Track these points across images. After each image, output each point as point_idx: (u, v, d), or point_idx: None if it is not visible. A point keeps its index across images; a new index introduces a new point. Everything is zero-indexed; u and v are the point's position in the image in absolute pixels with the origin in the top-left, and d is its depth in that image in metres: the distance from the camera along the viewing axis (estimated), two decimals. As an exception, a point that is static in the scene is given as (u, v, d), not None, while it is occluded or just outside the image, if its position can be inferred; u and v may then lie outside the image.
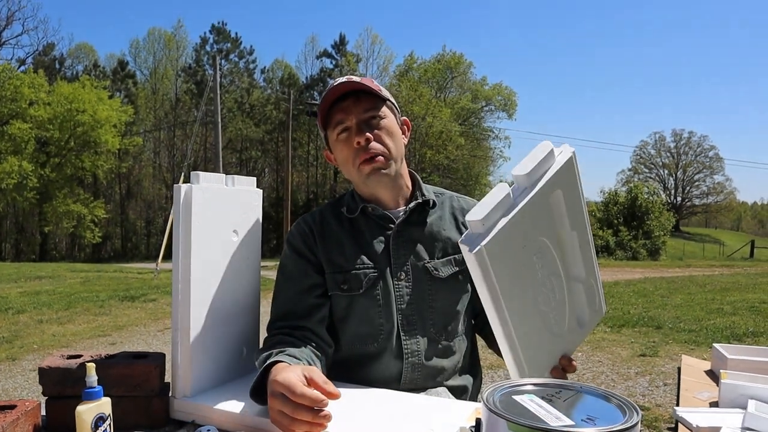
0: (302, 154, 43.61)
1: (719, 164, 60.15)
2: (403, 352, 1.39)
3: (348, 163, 1.41)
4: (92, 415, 0.98)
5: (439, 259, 1.45)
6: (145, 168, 42.24)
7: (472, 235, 0.94)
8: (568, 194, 0.98)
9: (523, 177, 0.94)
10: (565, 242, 1.03)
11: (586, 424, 0.69)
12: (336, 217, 1.49)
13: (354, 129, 1.38)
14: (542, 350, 1.09)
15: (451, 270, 1.46)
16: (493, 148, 40.67)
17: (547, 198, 0.96)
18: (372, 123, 1.38)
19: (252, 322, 1.44)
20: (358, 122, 1.37)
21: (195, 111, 39.95)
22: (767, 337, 6.20)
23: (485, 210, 0.92)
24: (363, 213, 1.46)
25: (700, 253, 38.55)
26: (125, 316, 8.60)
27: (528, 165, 0.94)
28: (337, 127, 1.39)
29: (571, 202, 0.99)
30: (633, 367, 5.27)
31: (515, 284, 0.98)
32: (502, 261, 0.94)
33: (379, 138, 1.38)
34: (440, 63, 39.76)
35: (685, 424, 1.32)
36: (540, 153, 0.95)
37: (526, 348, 1.04)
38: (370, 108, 1.38)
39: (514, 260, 0.96)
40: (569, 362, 1.12)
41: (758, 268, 18.81)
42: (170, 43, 43.21)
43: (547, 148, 0.96)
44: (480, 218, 0.91)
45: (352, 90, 1.38)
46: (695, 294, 10.27)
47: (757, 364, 1.67)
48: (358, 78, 1.38)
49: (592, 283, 1.10)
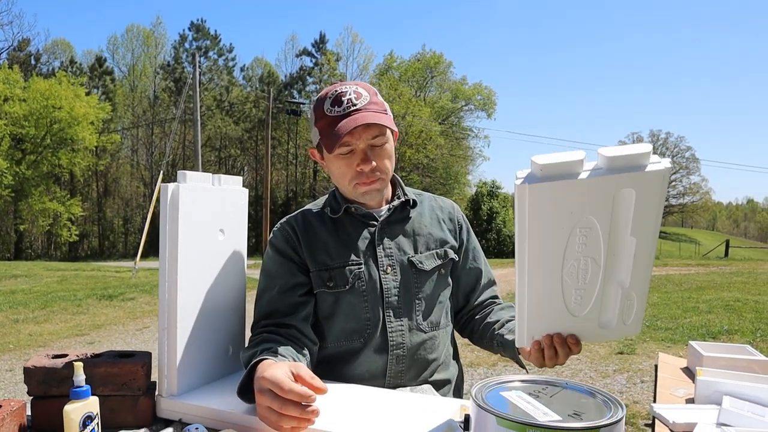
0: (281, 152, 43.39)
1: (695, 165, 61.10)
2: (388, 344, 1.42)
3: (343, 179, 1.42)
4: (80, 415, 0.98)
5: (422, 252, 1.50)
6: (122, 166, 41.69)
7: (530, 174, 0.98)
8: (640, 199, 0.96)
9: (604, 158, 0.95)
10: (618, 240, 1.02)
11: (572, 419, 0.71)
12: (318, 217, 1.50)
13: (360, 155, 1.38)
14: (549, 311, 1.10)
15: (434, 263, 1.50)
16: (473, 147, 40.90)
17: (615, 189, 0.96)
18: (376, 151, 1.39)
19: (238, 320, 1.44)
20: (364, 148, 1.38)
21: (174, 108, 39.63)
22: (741, 335, 6.32)
23: (550, 160, 0.95)
24: (346, 212, 1.48)
25: (677, 253, 39.11)
26: (103, 315, 8.51)
27: (616, 151, 0.94)
28: (341, 147, 1.37)
29: (641, 208, 0.97)
30: (611, 365, 5.35)
31: (546, 234, 1.01)
32: (541, 208, 0.97)
33: (381, 165, 1.41)
34: (420, 62, 39.87)
35: (662, 420, 1.35)
36: (634, 149, 0.94)
37: (533, 299, 1.09)
38: (377, 135, 1.38)
39: (555, 216, 0.98)
40: (576, 342, 1.13)
41: (733, 267, 19.14)
42: (149, 39, 42.71)
43: (645, 149, 0.95)
44: (541, 163, 0.94)
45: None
46: (672, 292, 10.42)
47: (731, 361, 1.70)
48: (366, 96, 1.37)
49: (633, 297, 1.07)
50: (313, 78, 43.06)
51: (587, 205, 0.97)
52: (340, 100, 1.36)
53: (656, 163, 0.95)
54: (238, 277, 1.43)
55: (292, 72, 44.55)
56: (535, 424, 0.68)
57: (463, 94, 39.77)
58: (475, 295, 1.60)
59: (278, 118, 39.09)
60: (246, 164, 44.36)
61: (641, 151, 0.94)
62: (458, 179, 37.02)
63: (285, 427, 1.00)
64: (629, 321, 1.10)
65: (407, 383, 1.44)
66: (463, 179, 38.04)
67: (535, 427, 0.68)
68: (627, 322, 1.10)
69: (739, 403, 1.36)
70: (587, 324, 1.11)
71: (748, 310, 7.86)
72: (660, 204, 0.97)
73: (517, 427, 0.69)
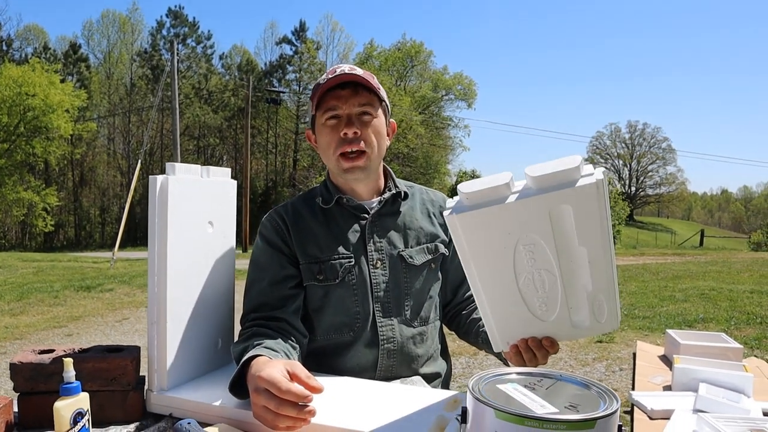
0: (261, 141, 43.05)
1: (672, 155, 61.93)
2: (378, 339, 1.42)
3: (329, 149, 1.42)
4: (71, 411, 0.97)
5: (413, 247, 1.49)
6: (99, 155, 41.00)
7: (458, 202, 0.98)
8: (579, 213, 0.94)
9: (531, 178, 0.93)
10: (568, 251, 1.00)
11: (569, 411, 0.72)
12: (309, 208, 1.49)
13: (344, 119, 1.38)
14: (517, 320, 1.11)
15: (424, 257, 1.50)
16: (453, 137, 40.97)
17: (547, 207, 0.94)
18: (363, 119, 1.39)
19: (227, 314, 1.43)
20: (350, 114, 1.38)
21: (151, 97, 39.02)
22: (716, 323, 6.44)
23: (475, 188, 0.94)
24: (337, 203, 1.48)
25: (653, 242, 39.70)
26: (81, 307, 8.40)
27: (542, 170, 0.92)
28: (328, 112, 1.39)
29: (582, 220, 0.95)
30: (590, 353, 5.42)
31: (489, 256, 1.01)
32: (476, 234, 0.98)
33: (367, 135, 1.40)
34: (401, 51, 39.74)
35: (641, 407, 1.38)
36: (562, 165, 0.92)
37: (498, 311, 1.09)
38: (365, 103, 1.39)
39: (493, 239, 0.98)
40: (551, 344, 1.13)
41: (707, 256, 19.49)
42: (125, 26, 41.92)
43: (574, 163, 0.91)
44: (467, 192, 0.94)
45: (353, 81, 1.38)
46: (649, 282, 10.58)
47: (707, 349, 1.74)
48: (361, 72, 1.39)
49: (602, 300, 1.06)
50: (292, 66, 42.72)
51: (523, 225, 0.96)
52: (334, 71, 1.39)
53: (588, 176, 0.92)
54: (227, 270, 1.42)
55: (272, 60, 44.16)
56: (534, 417, 0.69)
57: (444, 84, 39.76)
58: (463, 289, 1.61)
59: (257, 106, 38.76)
60: (225, 153, 43.95)
61: (569, 166, 0.91)
62: (438, 169, 37.09)
63: (281, 426, 1.00)
64: (603, 319, 1.09)
65: (397, 377, 1.44)
66: (443, 169, 38.12)
67: (533, 419, 0.69)
68: (601, 321, 1.09)
69: (714, 389, 1.40)
70: (560, 326, 1.11)
71: (723, 299, 8.01)
72: (602, 214, 0.95)
73: (515, 420, 0.69)
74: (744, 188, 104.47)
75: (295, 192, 36.65)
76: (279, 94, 32.28)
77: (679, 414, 1.29)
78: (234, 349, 1.26)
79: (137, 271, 12.65)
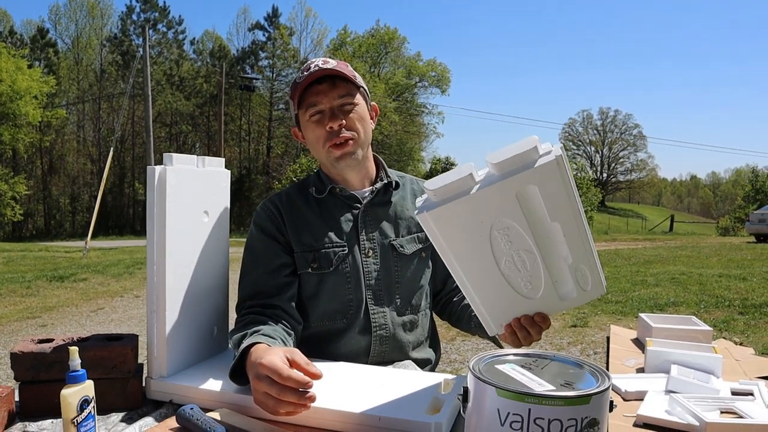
0: (234, 128, 42.59)
1: (642, 142, 62.89)
2: (371, 325, 1.46)
3: (318, 144, 1.45)
4: (77, 398, 0.99)
5: (403, 237, 1.52)
6: (68, 142, 40.16)
7: (426, 200, 1.01)
8: (545, 191, 0.96)
9: (492, 165, 0.96)
10: (543, 229, 1.02)
11: (565, 388, 0.77)
12: (303, 197, 1.52)
13: (327, 113, 1.41)
14: (505, 301, 1.13)
15: (415, 247, 1.53)
16: (427, 124, 41.03)
17: (513, 191, 0.96)
18: (345, 108, 1.42)
19: (222, 301, 1.45)
20: (331, 107, 1.41)
21: (121, 83, 38.29)
22: (687, 306, 6.62)
23: (440, 183, 0.97)
24: (330, 193, 1.50)
25: (625, 228, 40.32)
26: (55, 297, 8.29)
27: (501, 156, 0.95)
28: (310, 108, 1.42)
29: (550, 198, 0.97)
30: (565, 338, 5.54)
31: (466, 247, 1.03)
32: (449, 227, 1.00)
33: (351, 123, 1.43)
34: (374, 38, 39.59)
35: (615, 390, 1.42)
36: (519, 148, 0.94)
37: (485, 297, 1.13)
38: (344, 94, 1.42)
39: (466, 229, 1.01)
40: (543, 319, 1.16)
41: (677, 241, 19.93)
42: (94, 10, 40.93)
43: (531, 145, 0.92)
44: (433, 188, 0.97)
45: (328, 75, 1.40)
46: (621, 267, 10.79)
47: (678, 331, 1.78)
48: (335, 63, 1.42)
49: (584, 269, 1.08)
50: (266, 53, 42.26)
51: (494, 211, 0.99)
52: (309, 67, 1.42)
53: (546, 154, 0.94)
54: (222, 258, 1.44)
55: (245, 46, 43.58)
56: (533, 394, 0.73)
57: (418, 71, 39.76)
58: (452, 278, 1.64)
59: (230, 93, 38.32)
60: (198, 141, 43.40)
61: (527, 148, 0.93)
62: (412, 155, 37.17)
63: (282, 412, 1.03)
64: (588, 287, 1.11)
65: (390, 362, 1.48)
66: (417, 156, 38.24)
67: (533, 396, 0.73)
68: (587, 289, 1.12)
69: (685, 371, 1.45)
70: (548, 300, 1.14)
71: (693, 283, 8.22)
72: (567, 188, 0.97)
73: (516, 397, 0.74)
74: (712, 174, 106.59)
75: (269, 180, 36.42)
76: (252, 80, 31.89)
77: (652, 395, 1.32)
78: (232, 336, 1.28)
79: (111, 260, 12.51)
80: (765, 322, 5.73)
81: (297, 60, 40.67)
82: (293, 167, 25.03)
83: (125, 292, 8.75)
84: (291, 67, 40.81)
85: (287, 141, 39.60)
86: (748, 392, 1.37)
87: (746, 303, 6.59)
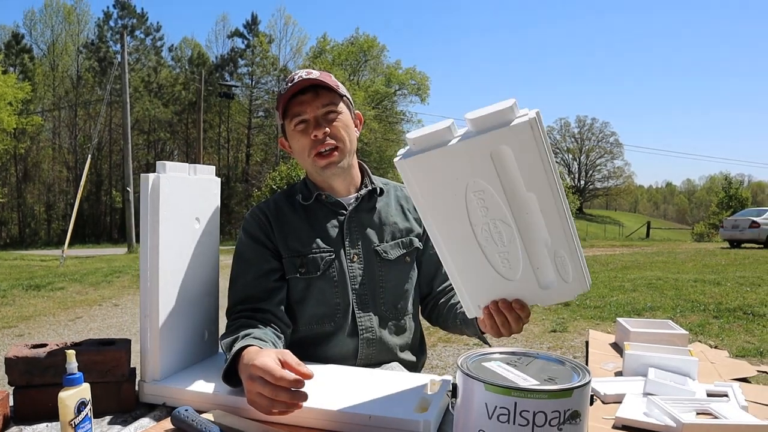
0: (213, 136, 42.40)
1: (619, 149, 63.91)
2: (358, 329, 1.49)
3: (304, 153, 1.49)
4: (75, 401, 1.01)
5: (387, 242, 1.56)
6: (44, 149, 39.62)
7: (407, 150, 1.03)
8: (520, 155, 0.96)
9: (469, 121, 0.97)
10: (518, 199, 1.02)
11: (548, 383, 0.82)
12: (290, 204, 1.56)
13: (312, 123, 1.45)
14: (483, 279, 1.13)
15: (399, 252, 1.57)
16: (406, 131, 41.13)
17: (488, 148, 0.97)
18: (329, 117, 1.46)
19: (212, 305, 1.48)
20: (316, 116, 1.45)
21: (98, 89, 37.91)
22: (663, 311, 6.74)
23: (420, 133, 1.00)
24: (317, 200, 1.54)
25: (602, 234, 40.83)
26: (31, 306, 8.17)
27: (480, 113, 0.96)
28: (295, 118, 1.46)
29: (525, 163, 0.97)
30: (545, 342, 5.61)
31: (442, 204, 1.05)
32: (426, 180, 1.02)
33: (335, 132, 1.46)
34: (354, 46, 39.76)
35: (594, 393, 1.46)
36: (497, 107, 0.95)
37: (463, 270, 1.13)
38: (328, 103, 1.45)
39: (443, 185, 1.02)
40: (521, 307, 1.15)
41: (654, 247, 20.23)
42: (70, 16, 40.56)
43: (507, 104, 0.95)
44: (412, 137, 1.00)
45: (312, 85, 1.44)
46: (599, 272, 10.93)
47: (655, 335, 1.83)
48: (318, 73, 1.45)
49: (563, 255, 1.07)
50: (245, 60, 42.20)
51: (469, 169, 1.00)
52: (292, 78, 1.46)
53: (522, 116, 0.95)
54: (212, 264, 1.47)
55: (224, 54, 43.50)
56: (519, 388, 0.78)
57: (397, 79, 40.01)
58: (438, 280, 1.67)
59: (209, 100, 38.18)
60: (176, 148, 43.10)
61: (504, 107, 0.94)
62: (392, 163, 37.21)
63: (275, 411, 1.06)
64: (570, 279, 1.09)
65: (377, 364, 1.52)
66: (397, 163, 38.26)
67: (519, 390, 0.78)
68: (568, 280, 1.09)
69: (662, 373, 1.50)
70: (527, 287, 1.13)
71: (669, 288, 8.36)
72: (543, 156, 0.96)
73: (503, 392, 0.78)
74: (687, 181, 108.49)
75: (249, 187, 36.20)
76: (231, 88, 31.76)
77: (630, 397, 1.36)
78: (223, 340, 1.31)
79: (88, 268, 12.36)
80: (739, 326, 5.87)
81: (276, 68, 40.64)
82: (273, 175, 24.95)
83: (103, 300, 8.65)
84: (270, 75, 40.82)
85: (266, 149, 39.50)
86: (723, 394, 1.41)
87: (721, 307, 6.74)
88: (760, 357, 4.56)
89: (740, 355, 4.63)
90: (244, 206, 34.77)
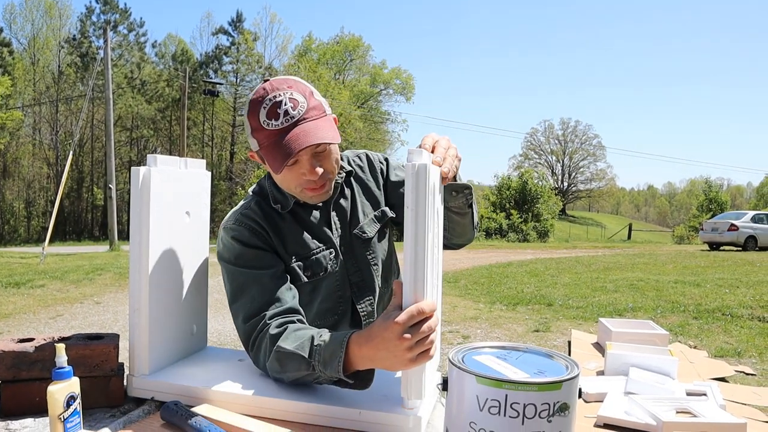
0: (197, 133, 42.12)
1: (602, 152, 64.54)
2: (360, 316, 1.50)
3: (289, 184, 1.38)
4: (64, 395, 1.00)
5: (363, 222, 1.54)
6: (24, 145, 39.03)
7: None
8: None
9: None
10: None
11: (538, 376, 0.83)
12: (271, 210, 1.46)
13: (306, 165, 1.33)
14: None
15: (375, 227, 1.55)
16: (391, 131, 41.31)
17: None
18: (320, 155, 1.35)
19: (201, 300, 1.48)
20: (309, 158, 1.33)
21: (80, 85, 37.51)
22: (644, 312, 6.83)
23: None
24: (296, 203, 1.48)
25: (585, 236, 41.19)
26: (11, 304, 8.06)
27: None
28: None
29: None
30: (528, 342, 5.65)
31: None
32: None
33: (327, 166, 1.37)
34: (339, 45, 39.72)
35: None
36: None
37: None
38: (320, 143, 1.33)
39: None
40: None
41: (635, 249, 20.46)
42: (51, 10, 39.97)
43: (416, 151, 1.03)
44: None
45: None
46: (581, 273, 11.05)
47: (636, 336, 1.87)
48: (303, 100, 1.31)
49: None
50: (230, 57, 41.96)
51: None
52: (276, 113, 1.28)
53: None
54: (201, 258, 1.47)
55: (208, 51, 43.22)
56: (510, 381, 0.79)
57: (382, 78, 40.04)
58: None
59: (193, 98, 37.93)
60: (159, 145, 42.69)
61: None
62: (376, 162, 37.24)
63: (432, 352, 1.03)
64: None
65: None
66: (381, 163, 38.32)
67: (510, 382, 0.79)
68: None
69: (643, 373, 1.53)
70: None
71: (650, 289, 8.48)
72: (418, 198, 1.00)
73: (494, 384, 0.79)
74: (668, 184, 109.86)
75: (233, 185, 36.00)
76: (216, 85, 31.57)
77: (612, 396, 1.39)
78: (286, 346, 1.20)
79: (69, 266, 12.21)
80: (717, 327, 5.96)
81: (261, 65, 40.43)
82: (257, 173, 24.84)
83: (85, 298, 8.56)
84: (255, 73, 40.59)
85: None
86: (702, 393, 1.44)
87: (700, 308, 6.84)
88: (738, 357, 4.63)
89: (719, 356, 4.70)
90: (228, 204, 34.55)
